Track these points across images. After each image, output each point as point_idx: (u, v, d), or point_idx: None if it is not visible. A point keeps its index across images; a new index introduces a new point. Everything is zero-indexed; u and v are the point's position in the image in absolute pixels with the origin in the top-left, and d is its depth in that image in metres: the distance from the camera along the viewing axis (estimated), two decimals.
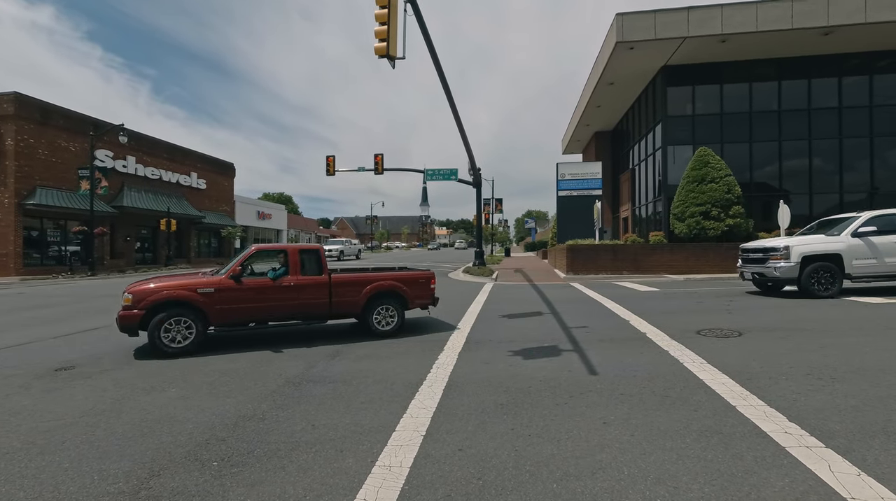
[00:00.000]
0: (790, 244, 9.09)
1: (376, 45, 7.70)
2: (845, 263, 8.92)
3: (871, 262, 8.87)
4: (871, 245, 8.87)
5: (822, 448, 2.95)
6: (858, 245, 8.91)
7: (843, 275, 8.97)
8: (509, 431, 3.41)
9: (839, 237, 9.11)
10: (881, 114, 19.71)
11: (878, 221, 9.09)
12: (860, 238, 8.96)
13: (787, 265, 8.96)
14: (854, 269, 8.94)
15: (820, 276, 8.87)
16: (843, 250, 8.92)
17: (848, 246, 8.94)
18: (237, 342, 6.72)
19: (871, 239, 8.89)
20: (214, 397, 4.30)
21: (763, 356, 5.12)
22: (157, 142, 30.81)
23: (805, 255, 8.95)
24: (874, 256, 8.85)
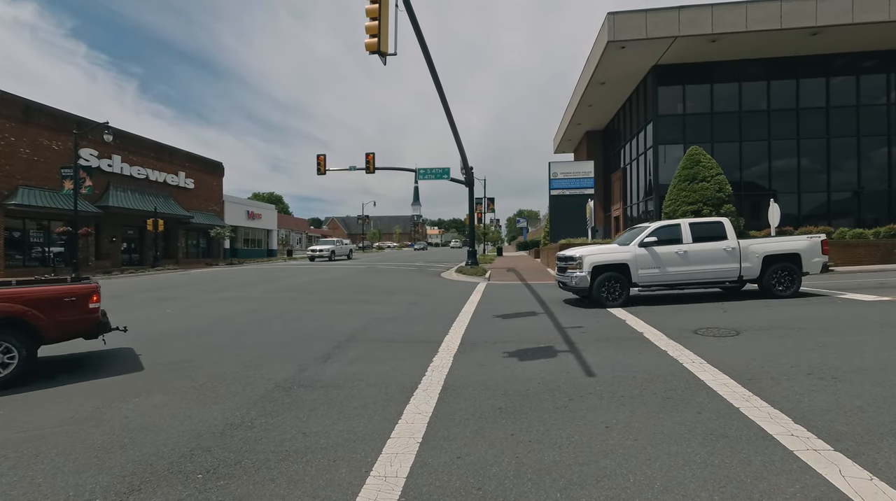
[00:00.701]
0: (583, 254, 9.00)
1: (367, 41, 7.54)
2: (632, 273, 8.92)
3: (654, 271, 8.88)
4: (654, 255, 8.88)
5: (831, 451, 2.87)
6: (644, 255, 8.91)
7: (630, 284, 8.98)
8: (509, 437, 3.29)
9: (628, 247, 9.09)
10: (867, 114, 19.99)
11: (661, 232, 9.12)
12: (646, 248, 8.94)
13: (580, 275, 8.90)
14: (640, 278, 8.95)
15: (609, 286, 8.82)
16: (630, 260, 8.92)
17: (635, 256, 8.93)
18: (224, 344, 6.53)
19: (654, 249, 8.89)
20: (201, 403, 4.13)
21: (763, 355, 5.07)
22: (143, 141, 30.25)
23: (595, 265, 8.90)
24: (657, 266, 8.88)
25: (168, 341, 6.91)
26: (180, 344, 6.65)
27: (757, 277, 9.06)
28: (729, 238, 9.05)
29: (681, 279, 8.97)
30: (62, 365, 5.69)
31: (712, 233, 9.13)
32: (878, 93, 20.03)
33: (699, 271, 8.93)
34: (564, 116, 31.76)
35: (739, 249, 8.99)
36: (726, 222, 9.28)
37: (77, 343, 5.88)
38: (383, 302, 10.81)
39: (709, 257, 8.92)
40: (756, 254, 8.98)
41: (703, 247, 8.95)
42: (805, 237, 9.37)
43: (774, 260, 9.04)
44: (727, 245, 8.99)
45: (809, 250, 9.15)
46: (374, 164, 23.04)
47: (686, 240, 9.01)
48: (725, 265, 8.95)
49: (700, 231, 9.13)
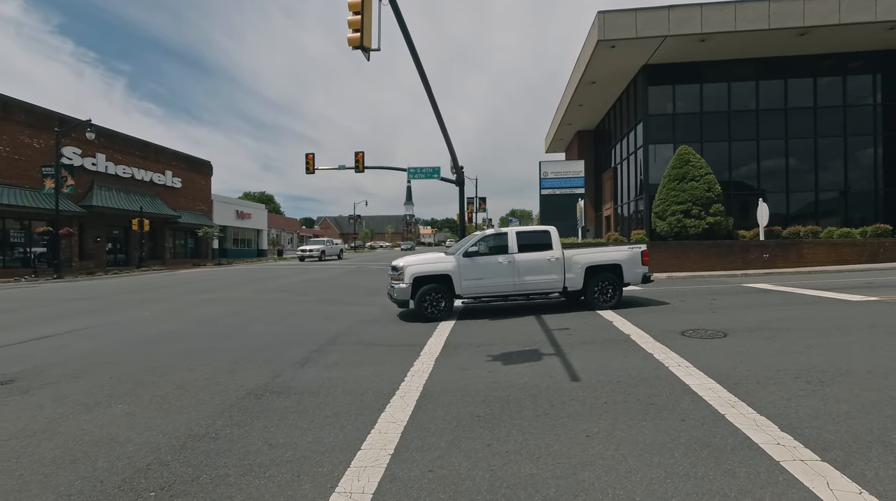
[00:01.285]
0: (405, 265, 8.38)
1: (350, 36, 7.34)
2: (455, 284, 8.31)
3: (479, 283, 8.36)
4: (479, 265, 8.38)
5: (818, 461, 2.74)
6: (468, 265, 8.37)
7: (454, 296, 8.38)
8: (485, 447, 3.14)
9: (453, 257, 8.50)
10: (854, 115, 20.12)
11: (487, 241, 8.69)
12: (470, 258, 8.41)
13: (401, 287, 8.24)
14: (464, 290, 8.36)
15: (432, 298, 8.17)
16: (453, 271, 8.32)
17: (458, 266, 8.35)
18: (200, 348, 6.31)
19: (479, 259, 8.41)
20: (165, 413, 3.92)
21: (749, 358, 4.96)
22: (129, 140, 29.71)
23: (416, 276, 8.26)
24: (482, 276, 8.37)
25: (141, 346, 6.67)
26: (153, 350, 6.41)
27: (580, 288, 8.69)
28: (554, 248, 8.62)
29: (506, 290, 8.50)
30: (24, 373, 5.43)
31: (539, 242, 8.67)
32: (865, 94, 20.17)
33: (524, 282, 8.47)
34: (556, 116, 31.72)
35: (564, 260, 8.59)
36: (553, 231, 8.82)
37: (30, 351, 5.63)
38: (369, 304, 10.61)
39: (534, 267, 8.49)
40: (579, 265, 8.62)
41: (528, 258, 8.50)
42: (626, 247, 9.10)
43: (596, 271, 8.72)
44: (552, 255, 8.56)
45: (630, 261, 8.88)
46: (364, 163, 22.77)
47: (512, 250, 8.52)
48: (550, 276, 8.54)
49: (527, 240, 8.66)
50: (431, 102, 10.51)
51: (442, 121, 11.38)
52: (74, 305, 11.26)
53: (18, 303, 11.96)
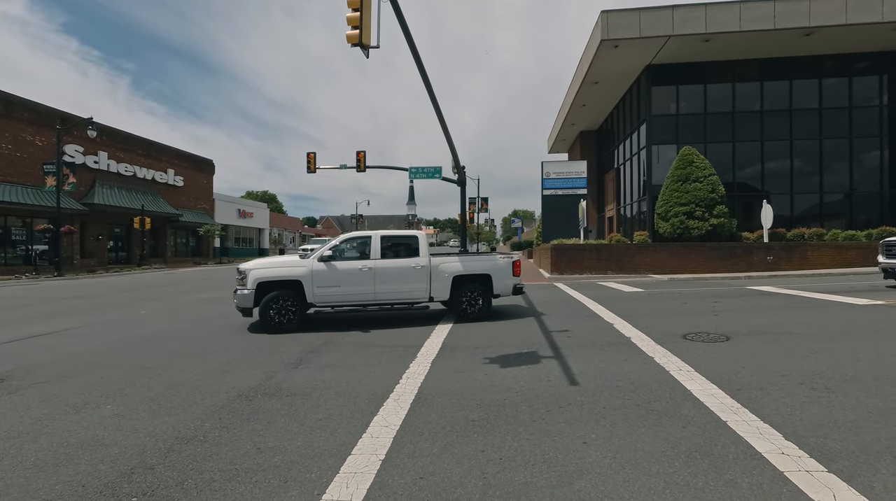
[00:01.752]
0: (249, 268, 7.59)
1: (348, 33, 7.25)
2: (307, 291, 7.48)
3: (334, 290, 7.57)
4: (335, 271, 7.57)
5: (825, 472, 2.64)
6: (323, 270, 7.55)
7: (306, 305, 7.61)
8: (479, 453, 3.04)
9: (307, 261, 7.67)
10: (860, 116, 19.93)
11: (346, 245, 7.93)
12: (325, 263, 7.60)
13: (243, 293, 7.39)
14: (317, 298, 7.57)
15: (280, 306, 7.34)
16: (304, 276, 7.47)
17: (311, 271, 7.51)
18: (193, 349, 6.24)
19: (336, 264, 7.62)
20: (153, 415, 3.84)
21: (752, 363, 4.85)
22: (131, 138, 29.74)
23: (261, 282, 7.40)
24: (337, 284, 7.58)
25: (135, 345, 6.60)
26: (146, 349, 6.35)
27: (447, 299, 8.08)
28: (421, 255, 7.99)
29: (365, 299, 7.76)
30: (14, 372, 5.37)
31: (405, 248, 8.05)
32: (871, 95, 19.97)
33: (386, 291, 7.77)
34: (558, 116, 31.59)
35: (430, 268, 7.95)
36: (421, 237, 8.19)
37: (23, 349, 5.56)
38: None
39: (397, 276, 7.82)
40: (446, 274, 7.98)
41: (391, 265, 7.82)
42: (498, 256, 8.51)
43: (465, 281, 8.12)
44: (417, 262, 7.90)
45: (500, 271, 8.28)
46: (366, 163, 22.74)
47: (374, 256, 7.83)
48: (414, 285, 7.87)
49: (392, 245, 8.03)
50: (432, 100, 10.41)
51: (443, 119, 11.29)
52: (72, 303, 11.22)
53: (17, 301, 11.93)
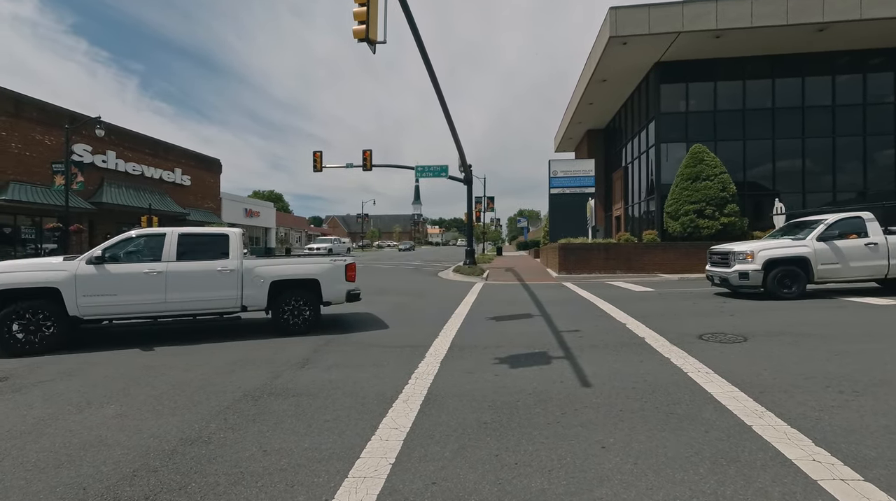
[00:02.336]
0: None
1: (355, 28, 7.16)
2: (68, 300, 6.10)
3: (107, 299, 6.28)
4: (109, 276, 6.29)
5: (861, 481, 2.49)
6: (91, 275, 6.22)
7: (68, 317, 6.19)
8: (493, 458, 2.92)
9: (71, 263, 6.27)
10: (874, 113, 19.55)
11: (132, 245, 6.63)
12: (96, 265, 6.26)
13: None
14: (83, 308, 6.19)
15: (28, 321, 5.95)
16: (64, 282, 6.10)
17: (75, 276, 6.16)
18: (199, 349, 6.17)
19: (111, 267, 6.33)
20: (158, 415, 3.76)
21: (774, 365, 4.69)
22: (139, 137, 29.89)
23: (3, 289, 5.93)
24: (114, 291, 6.30)
25: (138, 343, 6.54)
26: (149, 350, 6.28)
27: (265, 307, 7.01)
28: (231, 256, 6.83)
29: (154, 309, 6.49)
30: (18, 370, 5.31)
31: (210, 248, 6.84)
32: (886, 92, 19.58)
33: (181, 299, 6.55)
34: (565, 115, 31.35)
35: (241, 271, 6.82)
36: (233, 235, 7.01)
37: None
38: (374, 303, 10.43)
39: (197, 281, 6.60)
40: (262, 279, 6.90)
41: (189, 268, 6.59)
42: (327, 260, 7.42)
43: (286, 286, 7.11)
44: (224, 265, 6.74)
45: (330, 275, 7.26)
46: (372, 161, 22.66)
47: (168, 258, 6.56)
48: (220, 292, 6.70)
49: (192, 245, 6.75)
50: (438, 93, 10.30)
51: (449, 116, 11.18)
52: None
53: None
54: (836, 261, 8.84)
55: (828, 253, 8.87)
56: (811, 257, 8.89)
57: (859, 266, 8.84)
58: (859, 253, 8.81)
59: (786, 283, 8.94)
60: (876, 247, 8.78)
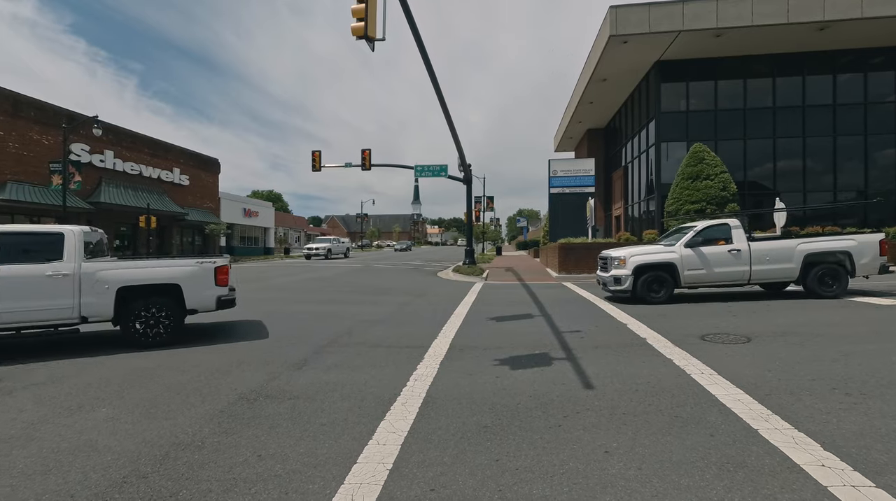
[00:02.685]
0: None
1: (353, 25, 7.08)
2: None
3: None
4: None
5: (873, 487, 2.41)
6: None
7: None
8: (493, 463, 2.84)
9: None
10: (874, 113, 19.50)
11: None
12: None
13: None
14: None
15: None
16: None
17: None
18: (200, 351, 6.08)
19: None
20: (150, 419, 3.67)
21: (779, 366, 4.61)
22: (137, 137, 29.78)
23: None
24: None
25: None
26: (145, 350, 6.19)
27: (112, 317, 6.12)
28: (65, 258, 5.88)
29: None
30: (10, 373, 5.23)
31: (38, 249, 5.84)
32: (887, 91, 19.53)
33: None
34: (565, 114, 31.28)
35: (78, 276, 5.87)
36: (69, 233, 5.97)
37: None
38: (374, 303, 10.36)
39: (17, 288, 5.59)
40: (106, 285, 5.99)
41: (6, 273, 5.57)
42: (193, 261, 6.55)
43: (138, 293, 6.23)
44: (56, 269, 5.77)
45: (195, 280, 6.43)
46: (371, 161, 22.57)
47: None
48: (50, 301, 5.73)
49: (13, 246, 5.74)
50: (438, 95, 10.22)
51: (448, 114, 11.10)
52: None
53: None
54: (701, 267, 8.99)
55: (693, 259, 9.02)
56: (678, 263, 9.04)
57: (723, 271, 9.00)
58: (723, 260, 8.98)
59: (654, 288, 9.11)
60: (739, 254, 8.95)
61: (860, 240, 9.04)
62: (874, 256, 8.94)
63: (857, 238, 9.09)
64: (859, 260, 8.90)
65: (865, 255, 8.93)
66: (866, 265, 8.94)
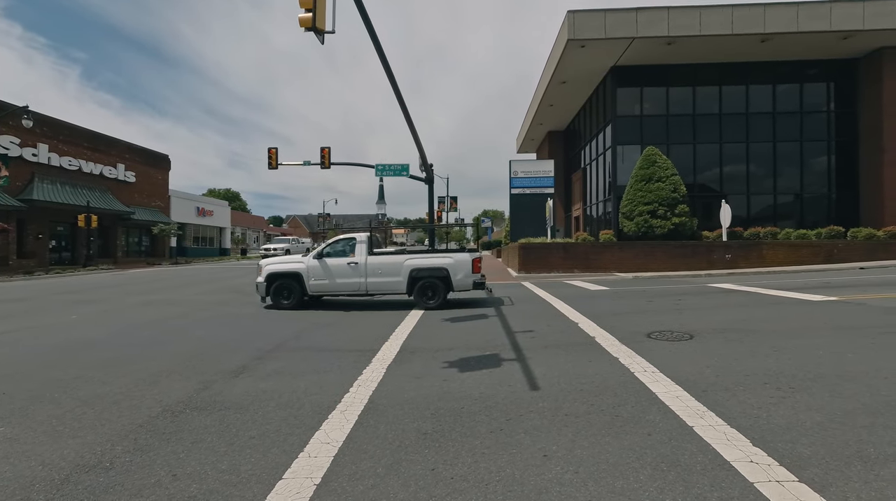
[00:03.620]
0: None
1: (301, 16, 6.78)
2: None
3: None
4: None
5: (796, 482, 2.45)
6: None
7: None
8: (428, 473, 2.71)
9: None
10: (809, 121, 20.85)
11: None
12: None
13: None
14: None
15: None
16: None
17: None
18: (125, 357, 5.63)
19: None
20: (55, 437, 3.31)
21: (717, 362, 4.74)
22: (76, 130, 27.78)
23: None
24: None
25: (55, 354, 5.92)
26: (68, 359, 5.69)
27: None
28: None
29: None
30: None
31: None
32: (820, 101, 20.94)
33: None
34: (527, 116, 31.73)
35: None
36: None
37: None
38: (328, 305, 10.03)
39: None
40: None
41: None
42: None
43: None
44: None
45: None
46: (330, 159, 22.03)
47: None
48: None
49: None
50: (395, 90, 10.02)
51: (407, 111, 10.92)
52: None
53: None
54: (325, 278, 9.58)
55: (318, 270, 9.61)
56: (304, 272, 9.63)
57: (343, 282, 9.59)
58: (343, 271, 9.57)
59: (284, 295, 9.65)
60: (356, 267, 9.55)
61: (456, 258, 9.59)
62: (467, 273, 9.47)
63: (454, 256, 9.65)
64: (455, 277, 9.44)
65: (460, 272, 9.47)
66: (461, 281, 9.48)
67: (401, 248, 10.38)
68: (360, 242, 9.74)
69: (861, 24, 17.51)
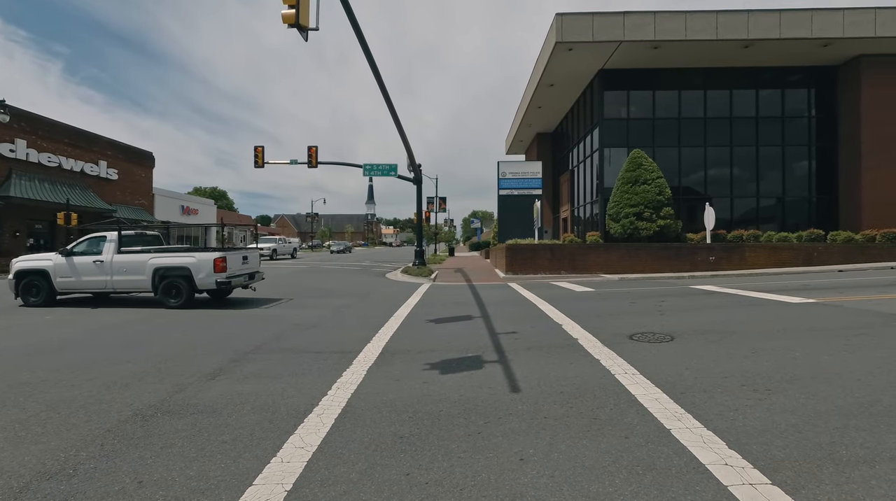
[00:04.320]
0: None
1: (284, 12, 6.68)
2: None
3: None
4: None
5: (769, 485, 2.46)
6: None
7: None
8: (403, 477, 2.66)
9: None
10: (791, 126, 21.26)
11: None
12: None
13: None
14: None
15: None
16: None
17: None
18: (98, 358, 5.47)
19: None
20: (16, 444, 3.19)
21: (696, 364, 4.77)
22: (56, 125, 27.11)
23: None
24: None
25: (23, 356, 5.74)
26: (37, 360, 5.51)
27: None
28: None
29: None
30: None
31: None
32: (802, 107, 21.36)
33: None
34: (516, 117, 31.84)
35: None
36: None
37: None
38: (313, 306, 9.91)
39: None
40: None
41: None
42: None
43: None
44: None
45: None
46: (318, 158, 21.84)
47: None
48: None
49: None
50: (382, 90, 9.96)
51: (394, 110, 10.86)
52: None
53: None
54: (72, 275, 9.62)
55: (65, 268, 9.65)
56: (51, 270, 9.65)
57: (88, 280, 9.67)
58: (88, 269, 9.63)
59: (33, 292, 9.67)
60: (102, 264, 9.62)
61: (199, 257, 9.59)
62: (209, 272, 9.46)
63: (197, 256, 9.64)
64: (198, 275, 9.45)
65: (202, 271, 9.46)
66: (203, 280, 9.48)
67: (148, 247, 10.31)
68: (110, 241, 9.70)
69: (841, 32, 17.91)
